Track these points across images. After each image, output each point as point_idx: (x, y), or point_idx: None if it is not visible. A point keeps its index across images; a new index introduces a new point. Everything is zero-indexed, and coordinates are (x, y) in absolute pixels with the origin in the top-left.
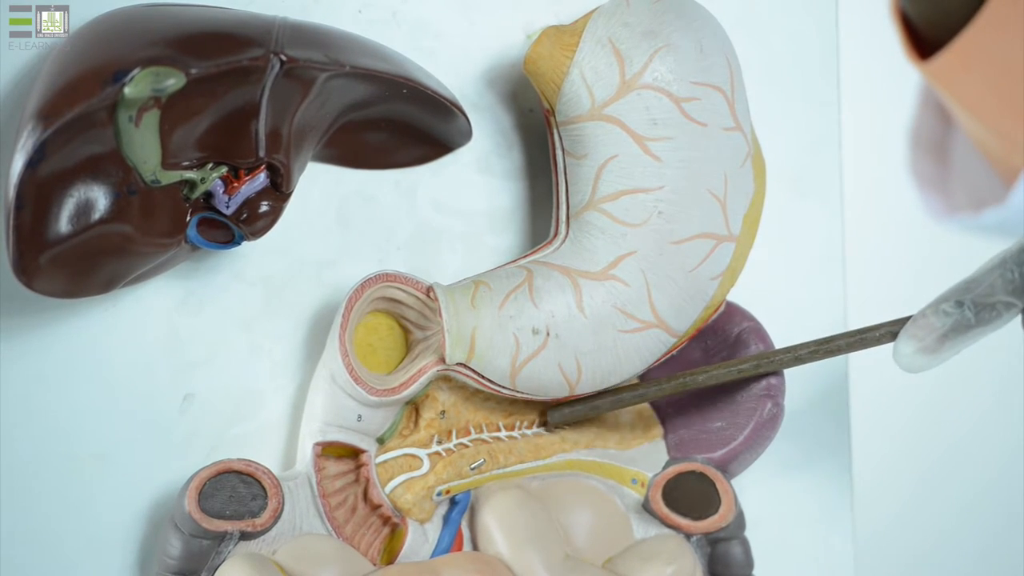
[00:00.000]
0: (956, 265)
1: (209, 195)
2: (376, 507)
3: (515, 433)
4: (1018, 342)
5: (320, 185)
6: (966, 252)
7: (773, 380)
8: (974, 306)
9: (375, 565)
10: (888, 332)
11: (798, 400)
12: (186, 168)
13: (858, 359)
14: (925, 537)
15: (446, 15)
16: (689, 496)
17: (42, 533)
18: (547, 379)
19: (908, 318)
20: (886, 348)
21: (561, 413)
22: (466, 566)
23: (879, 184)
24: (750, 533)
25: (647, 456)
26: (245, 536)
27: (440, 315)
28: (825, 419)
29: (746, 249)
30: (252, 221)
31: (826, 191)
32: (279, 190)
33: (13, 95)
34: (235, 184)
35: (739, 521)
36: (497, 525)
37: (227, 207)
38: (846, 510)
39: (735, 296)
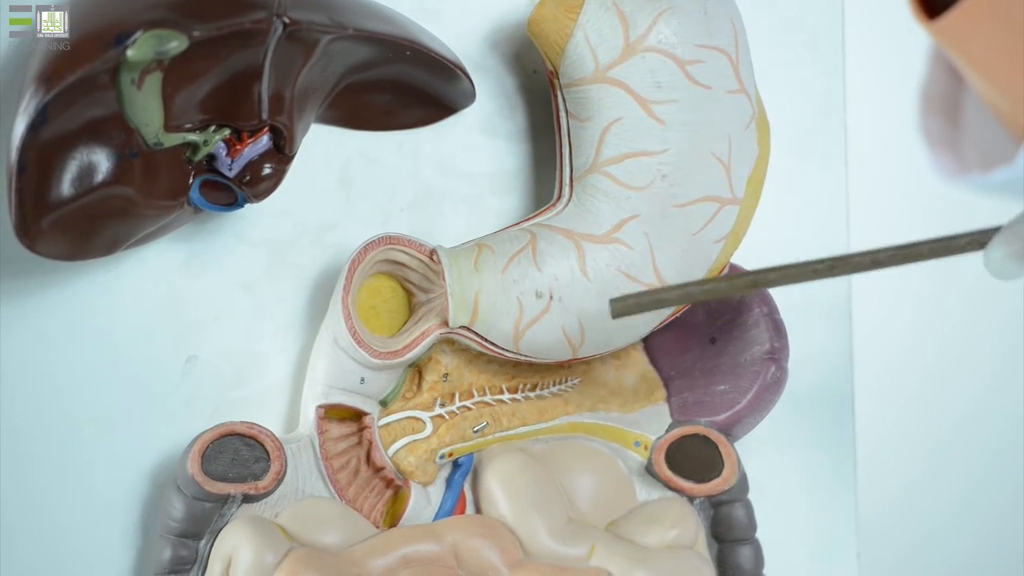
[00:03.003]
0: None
1: (212, 157)
2: (379, 470)
3: (518, 396)
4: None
5: (323, 147)
6: (971, 214)
7: (777, 343)
8: None
9: (378, 528)
10: (974, 240)
11: (802, 363)
12: (189, 131)
13: (862, 321)
14: (929, 499)
15: None
16: (692, 459)
17: (44, 496)
18: (550, 342)
19: (995, 228)
20: (891, 316)
21: (624, 303)
22: (469, 529)
23: (884, 146)
24: (753, 496)
25: (650, 419)
26: (248, 499)
27: (443, 278)
28: (829, 382)
29: (750, 212)
30: (255, 184)
31: (831, 153)
32: (282, 152)
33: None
34: (238, 147)
35: (742, 484)
36: (500, 488)
37: (230, 169)
38: (849, 473)
39: (739, 259)
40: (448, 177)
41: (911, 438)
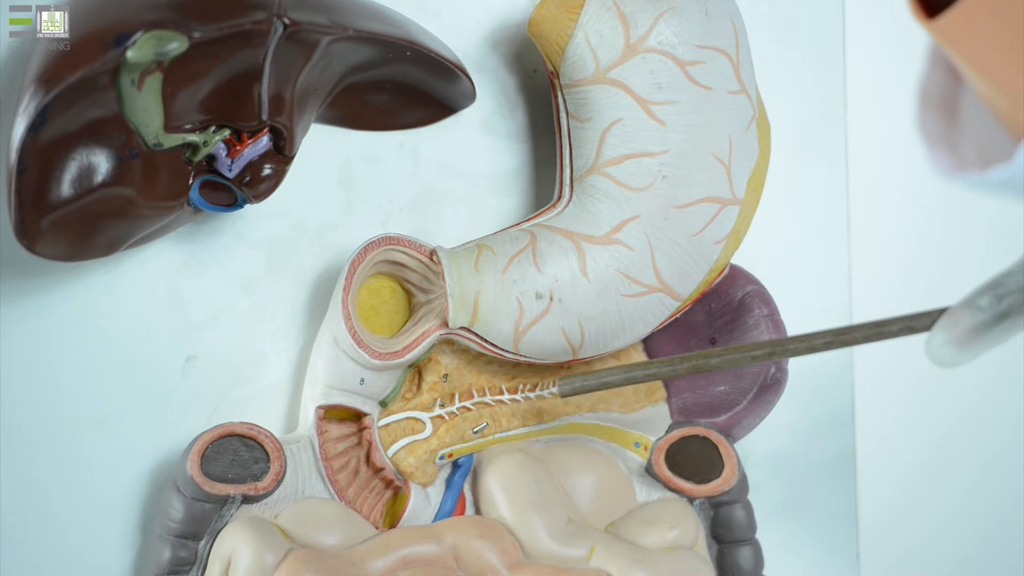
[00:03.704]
0: (960, 228)
1: (212, 158)
2: (378, 470)
3: (518, 396)
4: None
5: (323, 147)
6: (970, 215)
7: None
8: (1004, 300)
9: (377, 528)
10: (906, 327)
11: (801, 364)
12: (189, 131)
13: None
14: (929, 499)
15: None
16: (692, 460)
17: (44, 496)
18: (550, 343)
19: (926, 312)
20: (889, 310)
21: (572, 386)
22: (469, 530)
23: (884, 146)
24: (752, 496)
25: (650, 420)
26: (247, 499)
27: (443, 279)
28: (829, 383)
29: (750, 212)
30: (255, 184)
31: (831, 153)
32: (282, 153)
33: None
34: (238, 147)
35: (742, 485)
36: (500, 489)
37: (230, 170)
38: (849, 473)
39: (739, 259)
40: (448, 177)
41: (911, 438)
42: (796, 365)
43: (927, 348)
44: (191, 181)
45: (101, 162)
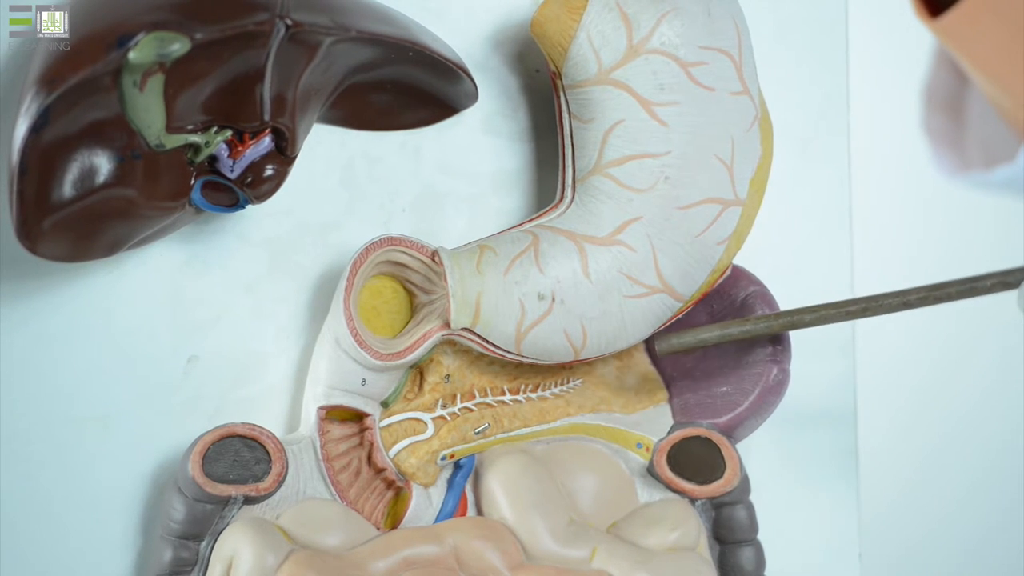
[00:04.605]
0: (963, 228)
1: (213, 159)
2: (380, 471)
3: (520, 397)
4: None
5: (325, 147)
6: (973, 215)
7: (779, 345)
8: None
9: (379, 529)
10: (1000, 282)
11: (804, 365)
12: (190, 132)
13: (863, 324)
14: (931, 499)
15: None
16: (694, 461)
17: (45, 496)
18: (552, 344)
19: (1019, 268)
20: (893, 317)
21: (668, 343)
22: (470, 531)
23: (887, 147)
24: (754, 497)
25: (652, 420)
26: (249, 500)
27: (445, 280)
28: (831, 384)
29: (753, 213)
30: (257, 185)
31: (834, 154)
32: (284, 154)
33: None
34: (240, 148)
35: (744, 485)
36: (501, 489)
37: (231, 171)
38: (851, 473)
39: (741, 260)
40: (450, 177)
41: (913, 438)
42: (797, 366)
43: (1019, 300)
44: (193, 182)
45: (103, 163)
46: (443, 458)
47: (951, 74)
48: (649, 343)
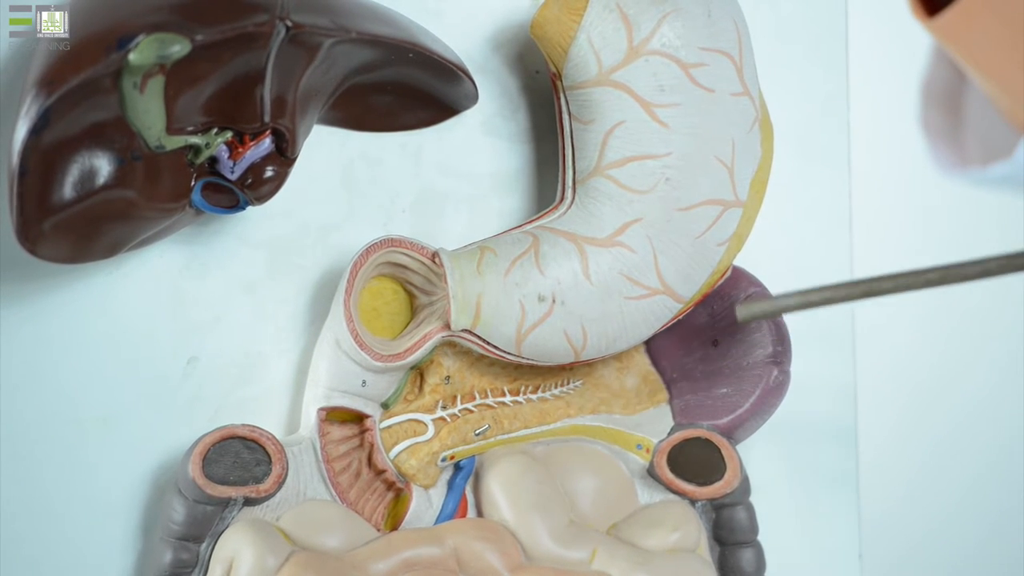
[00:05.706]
0: (963, 226)
1: (214, 160)
2: (380, 472)
3: (520, 398)
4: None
5: (325, 148)
6: (973, 213)
7: (779, 347)
8: None
9: (379, 531)
10: None
11: (804, 367)
12: (191, 133)
13: (864, 324)
14: (931, 500)
15: None
16: (694, 462)
17: (45, 497)
18: (552, 346)
19: None
20: (894, 318)
21: (750, 310)
22: (470, 532)
23: (887, 148)
24: (755, 499)
25: (652, 422)
26: (249, 502)
27: (446, 281)
28: (831, 385)
29: (753, 214)
30: (257, 186)
31: (834, 155)
32: (284, 155)
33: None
34: (240, 149)
35: (744, 487)
36: (502, 491)
37: (232, 172)
38: (851, 475)
39: (742, 261)
40: (450, 178)
41: (914, 439)
42: (798, 368)
43: None
44: (193, 183)
45: (103, 165)
46: (443, 459)
47: (949, 70)
48: (649, 344)
